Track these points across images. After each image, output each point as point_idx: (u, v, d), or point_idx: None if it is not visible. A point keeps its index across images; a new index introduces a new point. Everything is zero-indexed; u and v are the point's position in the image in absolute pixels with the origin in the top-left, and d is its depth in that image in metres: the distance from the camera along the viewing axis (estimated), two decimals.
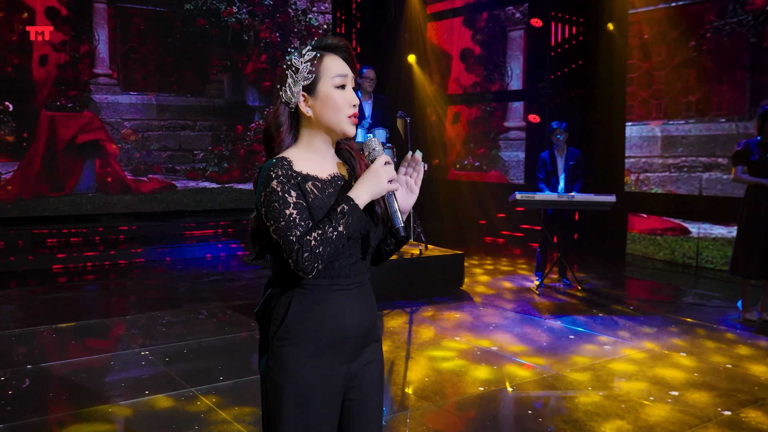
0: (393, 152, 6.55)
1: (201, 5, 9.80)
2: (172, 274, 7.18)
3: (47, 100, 8.84)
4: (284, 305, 1.74)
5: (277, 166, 1.70)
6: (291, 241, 1.64)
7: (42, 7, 8.78)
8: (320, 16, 10.88)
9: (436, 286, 6.29)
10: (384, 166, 1.71)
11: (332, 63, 1.77)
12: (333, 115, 1.75)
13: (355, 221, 1.67)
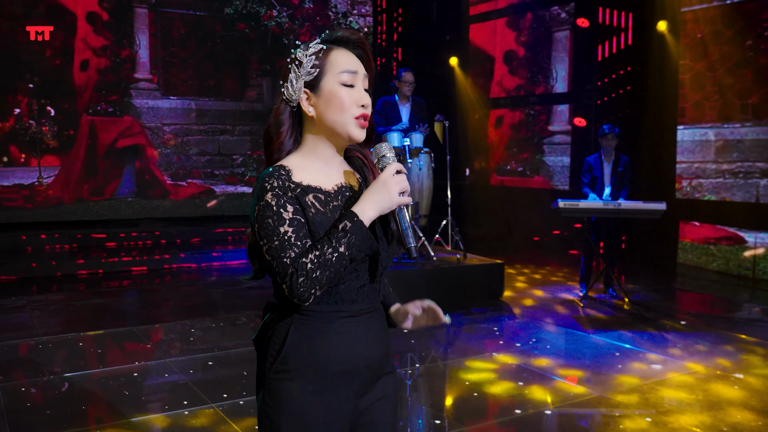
0: (431, 157, 6.34)
1: (241, 9, 9.75)
2: (207, 280, 7.09)
3: (88, 104, 8.88)
4: (282, 334, 1.54)
5: (272, 176, 1.50)
6: (285, 264, 1.44)
7: (83, 12, 8.83)
8: (361, 18, 10.74)
9: (474, 297, 6.05)
10: (394, 175, 1.50)
11: (341, 57, 1.56)
12: (337, 116, 1.54)
13: (358, 240, 1.46)
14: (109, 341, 4.89)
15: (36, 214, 8.58)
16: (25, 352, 4.56)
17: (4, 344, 4.63)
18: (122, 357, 4.57)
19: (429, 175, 6.32)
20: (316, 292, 1.44)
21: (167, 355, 4.53)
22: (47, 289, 6.54)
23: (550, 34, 9.41)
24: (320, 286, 1.44)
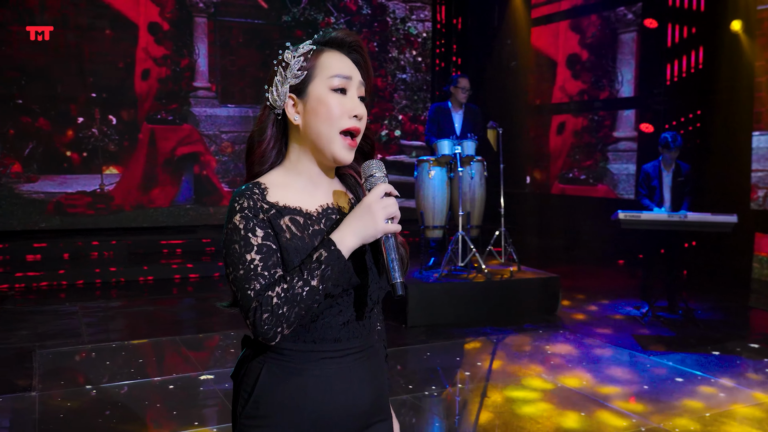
0: (483, 165, 6.10)
1: (299, 17, 9.73)
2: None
3: (148, 113, 9.02)
4: (254, 374, 1.36)
5: (244, 195, 1.33)
6: (248, 297, 1.27)
7: (145, 23, 8.98)
8: (419, 24, 10.57)
9: (528, 312, 5.77)
10: (381, 199, 1.30)
11: (333, 60, 1.38)
12: (323, 126, 1.35)
13: (335, 273, 1.27)
14: (153, 350, 4.87)
15: (98, 220, 8.75)
16: (67, 360, 4.57)
17: (48, 351, 4.66)
18: (163, 367, 4.52)
19: (481, 184, 6.09)
20: (282, 330, 1.26)
21: (209, 366, 4.46)
22: (104, 295, 6.62)
23: (616, 36, 9.00)
24: (288, 324, 1.26)
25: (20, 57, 8.29)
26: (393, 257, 1.30)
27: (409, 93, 10.46)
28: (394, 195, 1.34)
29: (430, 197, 5.96)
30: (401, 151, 10.30)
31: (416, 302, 5.43)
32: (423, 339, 5.14)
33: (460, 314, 5.56)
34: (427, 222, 6.01)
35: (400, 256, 1.40)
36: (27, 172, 8.43)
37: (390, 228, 1.30)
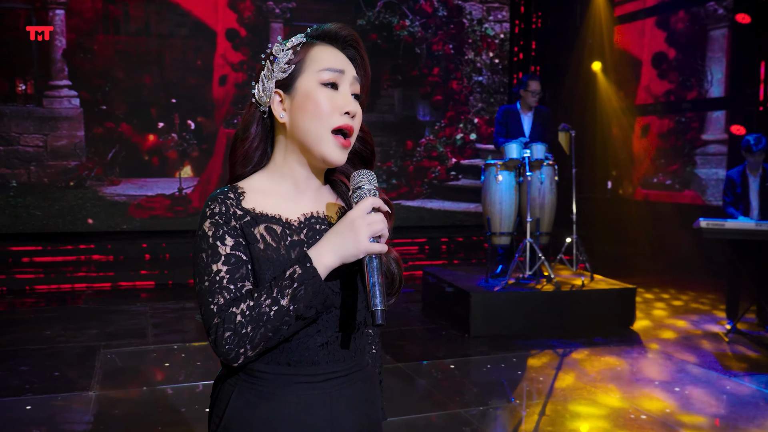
0: (554, 169, 5.84)
1: (373, 20, 9.69)
2: None
3: (225, 117, 9.18)
4: (225, 397, 1.25)
5: (217, 200, 1.22)
6: (210, 312, 1.15)
7: (223, 29, 9.16)
8: (497, 25, 10.32)
9: (600, 325, 5.46)
10: (367, 214, 1.16)
11: (324, 53, 1.26)
12: (311, 123, 1.23)
13: (308, 294, 1.13)
14: (209, 354, 4.88)
15: (176, 222, 8.97)
16: (128, 361, 4.64)
17: (111, 351, 4.75)
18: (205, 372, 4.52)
19: (551, 189, 5.82)
20: (246, 352, 1.14)
21: None
22: (176, 296, 6.74)
23: (706, 33, 8.47)
24: (252, 345, 1.13)
25: (105, 65, 8.61)
26: (375, 281, 1.15)
27: (485, 95, 10.22)
28: (383, 210, 1.19)
29: (497, 202, 5.75)
30: (477, 155, 10.06)
31: (480, 311, 5.23)
32: (485, 350, 4.94)
33: (525, 325, 5.32)
34: (493, 228, 5.79)
35: (391, 276, 1.27)
36: (110, 175, 8.73)
37: (373, 248, 1.15)
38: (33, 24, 8.40)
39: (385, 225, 1.17)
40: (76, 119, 8.62)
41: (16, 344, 4.84)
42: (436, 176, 9.94)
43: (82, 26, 8.58)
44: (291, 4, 9.37)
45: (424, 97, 9.99)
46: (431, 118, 10.02)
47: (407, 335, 5.34)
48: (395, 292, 1.31)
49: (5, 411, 3.66)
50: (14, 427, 3.48)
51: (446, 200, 10.00)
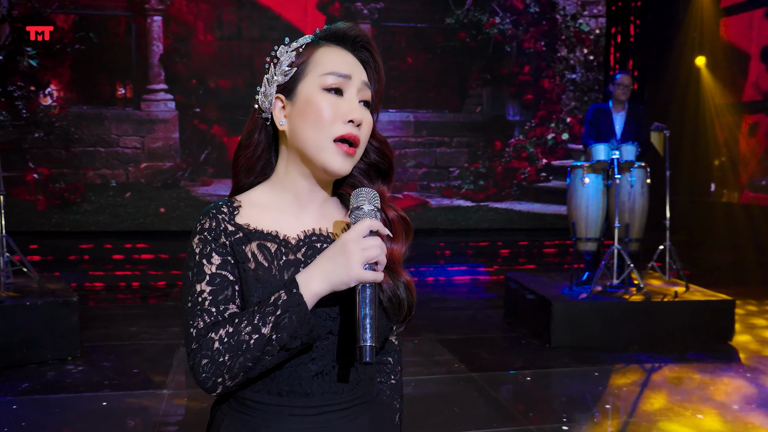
0: (646, 172, 5.50)
1: (462, 18, 9.51)
2: None
3: None
4: (217, 425, 1.17)
5: (208, 214, 1.14)
6: (190, 335, 1.07)
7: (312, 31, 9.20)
8: (592, 20, 9.90)
9: (693, 339, 5.08)
10: (363, 238, 1.04)
11: (330, 55, 1.16)
12: (310, 131, 1.13)
13: (292, 323, 1.03)
14: None
15: None
16: None
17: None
18: None
19: (642, 193, 5.48)
20: (224, 382, 1.05)
21: None
22: None
23: None
24: (230, 375, 1.04)
25: (199, 69, 8.88)
26: (367, 313, 1.03)
27: (579, 94, 9.83)
28: (382, 234, 1.08)
29: (584, 206, 5.47)
30: (569, 156, 9.68)
31: (562, 321, 4.99)
32: (566, 362, 4.70)
33: (610, 337, 5.02)
34: (579, 233, 5.52)
35: (397, 302, 1.15)
36: (202, 175, 9.00)
37: (366, 276, 1.04)
38: (132, 31, 8.77)
39: (382, 251, 1.05)
40: (172, 122, 8.93)
41: (102, 340, 5.02)
42: (525, 177, 9.65)
43: (178, 31, 8.89)
44: (379, 4, 9.35)
45: (513, 96, 9.72)
46: (521, 118, 9.73)
47: (484, 343, 5.16)
48: (403, 320, 1.19)
49: (82, 405, 3.78)
50: (87, 423, 3.59)
51: (536, 202, 9.69)
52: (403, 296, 1.17)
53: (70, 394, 3.93)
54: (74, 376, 4.22)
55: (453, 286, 7.58)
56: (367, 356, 1.01)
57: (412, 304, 1.20)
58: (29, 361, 4.38)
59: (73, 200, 8.57)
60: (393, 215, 1.23)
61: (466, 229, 9.50)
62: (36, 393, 3.94)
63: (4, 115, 8.37)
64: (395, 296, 1.16)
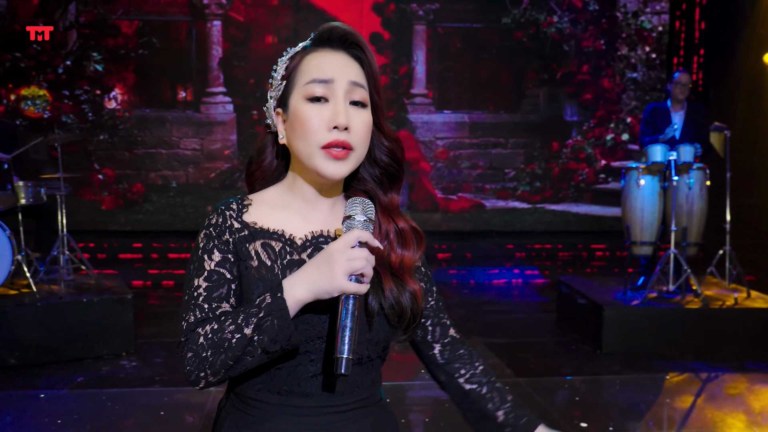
0: (705, 174, 5.30)
1: (519, 18, 9.39)
2: (453, 298, 6.87)
3: None
4: (221, 424, 1.19)
5: (217, 210, 1.17)
6: (181, 328, 1.10)
7: (367, 33, 9.28)
8: (654, 17, 9.62)
9: (753, 348, 4.86)
10: (350, 249, 1.04)
11: (313, 62, 1.15)
12: (300, 143, 1.13)
13: (273, 326, 1.03)
14: None
15: None
16: None
17: None
18: None
19: (701, 196, 5.28)
20: (207, 377, 1.06)
21: None
22: None
23: None
24: (212, 371, 1.05)
25: (256, 72, 9.03)
26: (346, 325, 1.03)
27: (640, 93, 9.56)
28: (372, 246, 1.07)
29: (639, 209, 5.31)
30: (629, 157, 9.43)
31: (614, 326, 4.86)
32: (617, 369, 4.58)
33: (664, 344, 4.86)
34: (633, 237, 5.36)
35: (400, 311, 1.14)
36: None
37: (348, 287, 1.03)
38: (192, 35, 9.00)
39: (368, 263, 1.04)
40: (230, 124, 9.12)
41: (156, 337, 5.16)
42: (583, 179, 9.45)
43: (236, 35, 9.07)
44: (434, 5, 9.31)
45: (571, 96, 9.53)
46: (579, 118, 9.53)
47: (533, 347, 5.07)
48: (404, 328, 1.18)
49: (133, 400, 3.90)
50: (138, 417, 3.69)
51: (594, 204, 9.47)
52: (406, 305, 1.17)
53: (123, 389, 4.05)
54: (127, 372, 4.36)
55: (505, 288, 7.48)
56: (342, 368, 1.02)
57: (417, 313, 1.19)
58: (85, 356, 4.54)
59: (135, 200, 8.85)
60: (403, 225, 1.22)
61: (521, 231, 9.36)
62: (90, 387, 4.09)
63: (71, 118, 8.71)
64: (398, 304, 1.16)
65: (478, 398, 1.27)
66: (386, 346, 1.20)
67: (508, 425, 1.25)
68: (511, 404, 1.28)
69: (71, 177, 7.02)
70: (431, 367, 1.32)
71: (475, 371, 1.30)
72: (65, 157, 8.56)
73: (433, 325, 1.29)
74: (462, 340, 1.33)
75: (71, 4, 8.78)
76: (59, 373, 4.28)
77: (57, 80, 8.71)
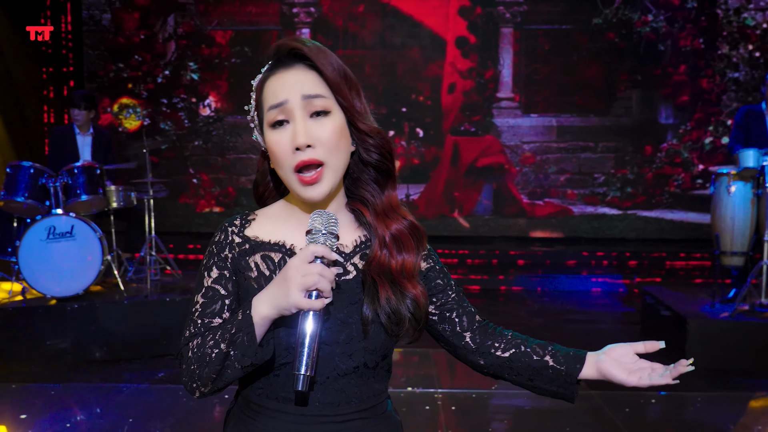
0: None
1: (611, 18, 9.09)
2: (533, 306, 6.73)
3: (453, 125, 9.28)
4: (226, 426, 1.25)
5: (221, 228, 1.22)
6: (180, 342, 1.16)
7: (453, 37, 9.26)
8: (758, 13, 9.07)
9: None
10: (305, 265, 1.04)
11: (269, 89, 1.16)
12: (278, 170, 1.17)
13: (243, 342, 1.06)
14: (446, 359, 4.91)
15: None
16: None
17: None
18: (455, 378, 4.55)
19: None
20: (199, 388, 1.11)
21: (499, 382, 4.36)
22: None
23: None
24: (201, 383, 1.10)
25: None
26: (305, 342, 1.04)
27: (742, 94, 9.04)
28: (330, 260, 1.06)
29: (729, 217, 5.03)
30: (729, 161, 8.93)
31: (698, 340, 4.62)
32: (700, 385, 4.34)
33: (753, 361, 4.57)
34: (723, 247, 5.08)
35: (397, 318, 1.14)
36: None
37: (301, 303, 1.04)
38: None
39: (323, 279, 1.03)
40: None
41: None
42: (678, 184, 9.04)
43: (324, 42, 9.24)
44: (522, 7, 9.17)
45: (666, 98, 9.13)
46: (675, 121, 9.12)
47: None
48: (404, 335, 1.18)
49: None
50: (209, 412, 3.83)
51: (690, 211, 9.04)
52: (404, 313, 1.17)
53: None
54: None
55: (590, 297, 7.26)
56: (299, 385, 1.04)
57: (419, 318, 1.19)
58: (167, 352, 4.75)
59: (227, 204, 9.20)
60: (398, 228, 1.22)
61: (611, 239, 9.06)
62: (169, 382, 4.28)
63: (168, 125, 9.16)
64: (395, 313, 1.16)
65: (522, 356, 1.27)
66: (386, 354, 1.20)
67: (559, 364, 1.24)
68: (553, 346, 1.27)
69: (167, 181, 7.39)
70: (468, 356, 1.31)
71: (507, 339, 1.29)
72: (164, 162, 9.09)
73: (459, 316, 1.30)
74: (487, 322, 1.34)
75: (170, 16, 9.24)
76: (142, 368, 4.51)
77: (156, 89, 9.19)
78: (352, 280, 1.19)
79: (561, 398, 1.26)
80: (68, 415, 3.73)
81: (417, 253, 1.23)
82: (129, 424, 3.64)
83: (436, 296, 1.28)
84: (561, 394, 1.26)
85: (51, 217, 4.61)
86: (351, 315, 1.15)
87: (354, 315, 1.15)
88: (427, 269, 1.28)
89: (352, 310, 1.15)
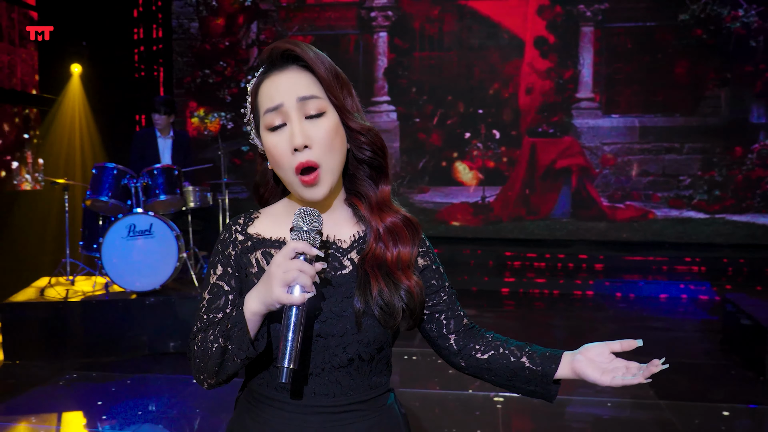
0: None
1: (698, 14, 8.73)
2: (608, 311, 6.54)
3: (530, 126, 9.14)
4: (235, 412, 1.32)
5: (226, 226, 1.28)
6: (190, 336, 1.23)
7: (531, 38, 9.13)
8: None
9: None
10: (286, 261, 1.07)
11: (264, 92, 1.21)
12: (279, 171, 1.21)
13: (237, 336, 1.12)
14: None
15: (477, 230, 9.22)
16: None
17: None
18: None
19: None
20: (206, 380, 1.18)
21: None
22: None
23: None
24: (207, 375, 1.17)
25: (420, 80, 9.23)
26: (287, 336, 1.07)
27: None
28: (310, 256, 1.09)
29: None
30: None
31: None
32: None
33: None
34: None
35: (389, 310, 1.17)
36: (419, 183, 9.33)
37: (282, 298, 1.07)
38: (359, 47, 9.40)
39: (302, 274, 1.06)
40: (393, 132, 9.39)
41: None
42: None
43: (401, 45, 9.33)
44: (603, 5, 8.94)
45: (759, 96, 8.67)
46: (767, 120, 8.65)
47: (686, 369, 4.70)
48: (398, 326, 1.20)
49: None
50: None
51: None
52: (397, 305, 1.19)
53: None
54: None
55: (670, 304, 6.99)
56: (283, 377, 1.07)
57: (414, 309, 1.22)
58: None
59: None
60: (393, 221, 1.24)
61: (697, 244, 8.68)
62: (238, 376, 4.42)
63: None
64: (388, 305, 1.19)
65: (500, 358, 1.28)
66: (381, 347, 1.22)
67: (535, 365, 1.24)
68: (531, 347, 1.28)
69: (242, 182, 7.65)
70: (450, 357, 1.33)
71: (487, 341, 1.31)
72: (245, 164, 9.39)
73: (447, 319, 1.32)
74: (473, 325, 1.35)
75: (253, 23, 9.54)
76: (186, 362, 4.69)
77: (240, 94, 9.50)
78: (348, 274, 1.22)
79: (540, 398, 1.27)
80: (141, 403, 3.93)
81: (413, 244, 1.25)
82: (197, 414, 3.80)
83: (428, 297, 1.30)
84: (540, 394, 1.26)
85: (131, 216, 4.85)
86: (345, 309, 1.19)
87: (348, 309, 1.19)
88: (424, 267, 1.31)
89: (347, 304, 1.19)
